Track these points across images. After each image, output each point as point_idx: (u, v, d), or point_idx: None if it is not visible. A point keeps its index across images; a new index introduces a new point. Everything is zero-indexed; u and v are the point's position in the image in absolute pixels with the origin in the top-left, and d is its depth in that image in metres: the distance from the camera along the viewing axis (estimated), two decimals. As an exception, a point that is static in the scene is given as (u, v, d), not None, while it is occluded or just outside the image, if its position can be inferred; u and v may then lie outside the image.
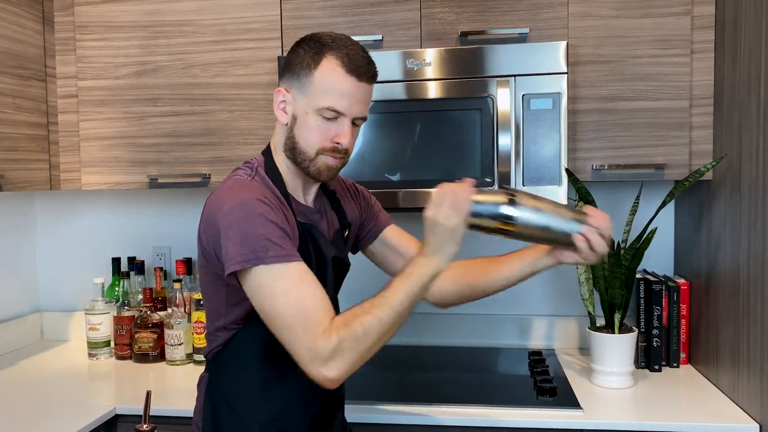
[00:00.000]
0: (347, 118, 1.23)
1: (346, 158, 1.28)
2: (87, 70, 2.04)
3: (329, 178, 1.28)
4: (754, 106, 1.58)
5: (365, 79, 1.22)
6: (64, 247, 2.45)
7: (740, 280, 1.66)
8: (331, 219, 1.39)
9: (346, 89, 1.21)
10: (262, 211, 1.15)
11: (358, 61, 1.21)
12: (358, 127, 1.27)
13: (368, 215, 1.50)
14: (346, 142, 1.24)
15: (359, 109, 1.24)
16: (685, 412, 1.66)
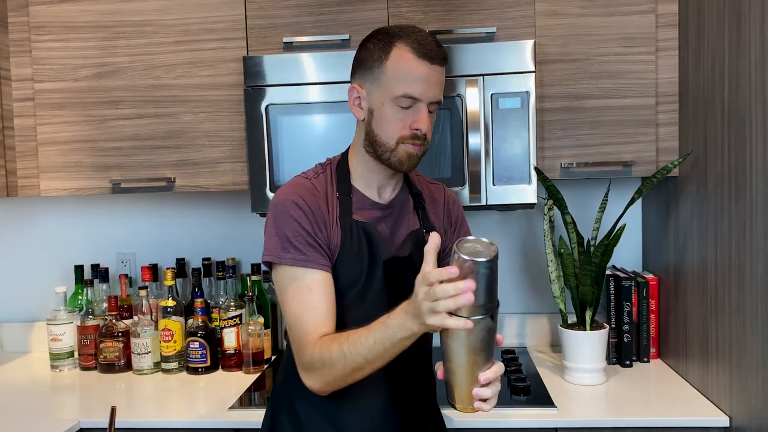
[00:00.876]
0: (423, 104, 1.23)
1: (426, 145, 1.27)
2: (44, 72, 1.97)
3: (411, 166, 1.28)
4: (718, 103, 1.60)
5: (437, 62, 1.22)
6: (23, 255, 2.37)
7: (708, 275, 1.68)
8: (409, 219, 1.36)
9: (419, 74, 1.21)
10: (295, 215, 1.23)
11: (428, 45, 1.22)
12: (433, 113, 1.27)
13: (454, 230, 1.43)
14: (425, 127, 1.24)
15: (434, 92, 1.24)
16: (656, 407, 1.68)
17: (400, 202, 1.36)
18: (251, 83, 1.83)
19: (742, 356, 1.50)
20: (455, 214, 1.44)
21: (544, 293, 2.21)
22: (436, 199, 1.42)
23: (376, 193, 1.33)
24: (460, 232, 1.43)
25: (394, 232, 1.34)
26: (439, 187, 1.46)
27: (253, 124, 1.84)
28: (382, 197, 1.34)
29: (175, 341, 2.05)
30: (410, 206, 1.37)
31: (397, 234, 1.34)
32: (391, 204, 1.35)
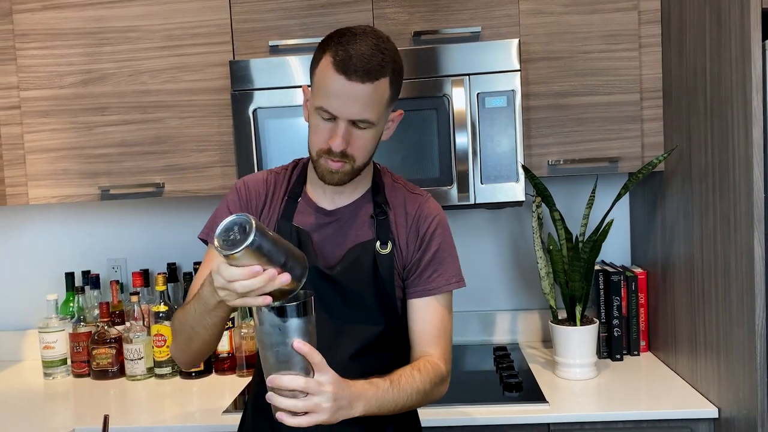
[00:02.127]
0: (341, 120, 1.16)
1: (352, 163, 1.21)
2: (29, 80, 1.97)
3: (334, 182, 1.22)
4: (701, 98, 1.62)
5: (356, 78, 1.13)
6: (13, 263, 2.36)
7: (695, 268, 1.70)
8: (359, 228, 1.29)
9: (334, 89, 1.14)
10: (229, 198, 1.33)
11: (353, 59, 1.13)
12: (365, 130, 1.18)
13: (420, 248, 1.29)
14: (336, 145, 1.17)
15: (352, 110, 1.15)
16: (646, 400, 1.69)
17: (352, 209, 1.30)
18: (238, 87, 1.83)
19: (729, 348, 1.52)
20: (423, 230, 1.29)
21: (535, 289, 2.23)
22: (407, 210, 1.31)
23: (329, 198, 1.30)
24: (427, 252, 1.29)
25: (335, 241, 1.28)
26: (417, 199, 1.33)
27: (241, 128, 1.84)
28: (335, 203, 1.30)
29: (168, 346, 2.05)
30: (366, 215, 1.30)
31: (338, 243, 1.28)
32: (337, 211, 1.29)
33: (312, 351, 1.03)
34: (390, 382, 1.17)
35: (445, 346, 1.29)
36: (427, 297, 1.28)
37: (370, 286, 1.27)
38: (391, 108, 1.23)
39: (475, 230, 2.25)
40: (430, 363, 1.24)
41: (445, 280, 1.29)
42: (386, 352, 1.29)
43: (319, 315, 1.22)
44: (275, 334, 1.02)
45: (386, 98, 1.18)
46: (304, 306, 1.03)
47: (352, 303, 1.27)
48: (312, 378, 1.04)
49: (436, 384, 1.24)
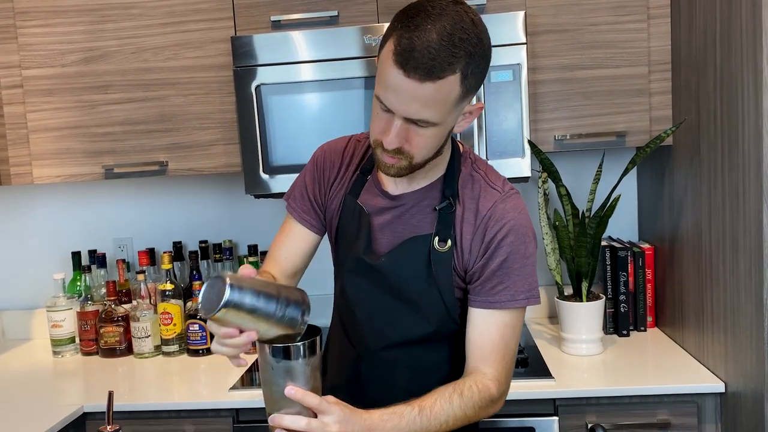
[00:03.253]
0: (397, 117, 1.03)
1: (410, 160, 1.08)
2: (31, 59, 1.96)
3: (391, 174, 1.11)
4: (711, 69, 1.59)
5: (415, 75, 0.98)
6: (20, 243, 2.37)
7: (702, 242, 1.68)
8: (420, 220, 1.19)
9: (391, 81, 1.00)
10: (309, 166, 1.32)
11: (416, 52, 0.97)
12: (425, 128, 1.04)
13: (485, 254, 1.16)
14: (388, 142, 1.05)
15: (408, 109, 1.01)
16: (653, 375, 1.69)
17: (416, 197, 1.19)
18: (240, 63, 1.81)
19: (736, 322, 1.51)
20: (492, 234, 1.14)
21: (541, 265, 2.21)
22: (479, 208, 1.17)
23: (396, 181, 1.20)
24: (492, 260, 1.15)
25: (393, 229, 1.20)
26: (492, 196, 1.17)
27: (244, 105, 1.82)
28: (401, 187, 1.20)
29: (175, 324, 2.06)
30: (431, 205, 1.18)
31: (396, 232, 1.20)
32: (401, 197, 1.20)
33: (305, 396, 0.99)
34: (419, 410, 1.08)
35: (502, 366, 1.16)
36: (488, 309, 1.16)
37: (421, 283, 1.18)
38: (465, 102, 1.07)
39: (480, 207, 2.23)
40: (478, 384, 1.13)
41: (511, 294, 1.15)
42: (435, 347, 1.23)
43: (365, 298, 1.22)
44: (272, 373, 1.00)
45: (454, 96, 1.02)
46: (303, 348, 0.99)
47: (401, 297, 1.19)
48: (315, 419, 0.99)
49: (483, 407, 1.13)
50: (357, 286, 1.24)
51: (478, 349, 1.16)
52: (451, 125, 1.10)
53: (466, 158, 1.22)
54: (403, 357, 1.22)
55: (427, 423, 1.07)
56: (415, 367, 1.22)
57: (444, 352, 1.24)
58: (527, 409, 1.62)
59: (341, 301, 1.30)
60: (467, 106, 1.09)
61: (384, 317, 1.22)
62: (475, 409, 1.12)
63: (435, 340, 1.22)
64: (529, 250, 1.16)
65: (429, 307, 1.19)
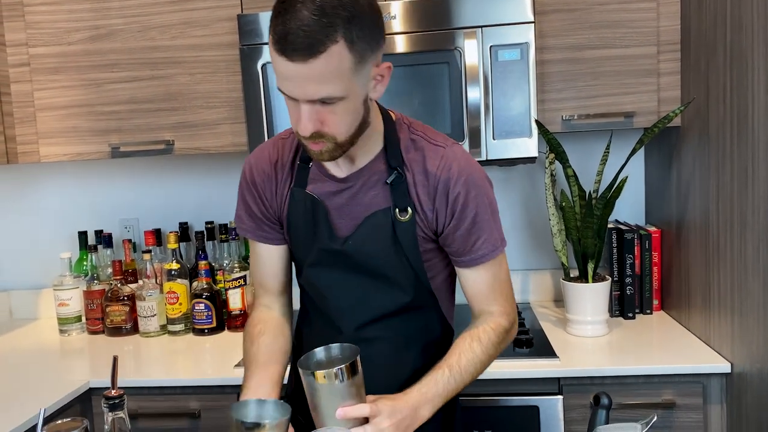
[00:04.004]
0: (301, 102, 1.02)
1: (333, 141, 1.07)
2: (38, 37, 1.96)
3: (324, 160, 1.11)
4: (720, 47, 1.57)
5: (298, 57, 0.96)
6: (27, 223, 2.38)
7: (710, 223, 1.67)
8: (375, 196, 1.18)
9: (281, 70, 1.00)
10: (241, 187, 1.28)
11: (291, 35, 0.96)
12: (334, 105, 1.02)
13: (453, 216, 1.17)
14: (303, 129, 1.04)
15: (307, 91, 1.00)
16: (659, 356, 1.69)
17: (364, 175, 1.18)
18: (246, 42, 1.81)
19: (743, 303, 1.50)
20: (454, 194, 1.15)
21: (547, 249, 2.22)
22: (428, 168, 1.16)
23: (339, 164, 1.18)
24: (464, 219, 1.16)
25: (350, 211, 1.19)
26: (438, 152, 1.16)
27: (250, 83, 1.82)
28: (346, 169, 1.18)
29: (181, 303, 2.07)
30: (381, 180, 1.17)
31: (354, 213, 1.19)
32: (349, 178, 1.18)
33: (356, 410, 1.01)
34: (449, 369, 1.13)
35: (504, 299, 1.23)
36: (475, 266, 1.20)
37: (389, 257, 1.18)
38: (368, 67, 1.04)
39: (487, 189, 2.22)
40: (490, 324, 1.20)
41: (492, 245, 1.18)
42: (414, 316, 1.24)
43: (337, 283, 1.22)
44: (320, 397, 1.01)
45: (347, 65, 0.99)
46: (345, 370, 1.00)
47: (373, 274, 1.20)
48: (368, 424, 1.03)
49: (501, 342, 1.21)
50: (325, 275, 1.23)
51: (478, 297, 1.23)
52: (363, 94, 1.06)
53: (401, 124, 1.20)
54: (384, 331, 1.22)
55: (460, 379, 1.14)
56: (395, 340, 1.23)
57: (422, 322, 1.25)
58: (531, 388, 1.62)
59: (311, 289, 1.28)
60: (374, 69, 1.06)
61: (359, 297, 1.22)
62: (496, 347, 1.20)
63: (412, 309, 1.23)
64: (490, 198, 1.20)
65: (402, 277, 1.20)
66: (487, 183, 1.20)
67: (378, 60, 1.07)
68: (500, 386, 1.62)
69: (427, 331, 1.26)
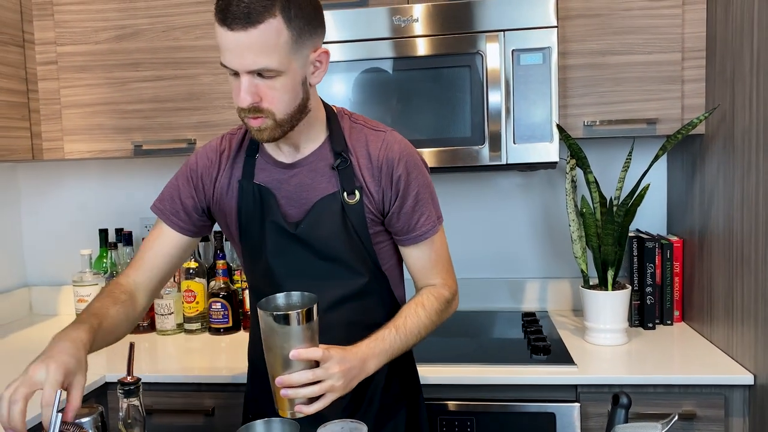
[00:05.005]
0: (240, 74, 1.08)
1: (273, 117, 1.12)
2: (66, 35, 1.99)
3: (264, 139, 1.15)
4: (747, 55, 1.56)
5: (237, 26, 1.04)
6: (50, 220, 2.41)
7: (734, 232, 1.64)
8: (323, 181, 1.23)
9: (222, 41, 1.07)
10: (182, 170, 1.32)
11: (232, 5, 1.04)
12: (272, 79, 1.09)
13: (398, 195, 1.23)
14: (240, 100, 1.10)
15: (245, 61, 1.06)
16: (679, 366, 1.65)
17: (311, 161, 1.23)
18: (270, 42, 1.82)
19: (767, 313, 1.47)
20: (397, 174, 1.22)
21: (566, 257, 2.19)
22: (370, 152, 1.23)
23: (286, 151, 1.24)
24: (407, 199, 1.23)
25: (299, 197, 1.23)
26: (379, 136, 1.24)
27: (272, 84, 1.83)
28: (292, 156, 1.24)
29: (198, 302, 2.08)
30: (327, 165, 1.22)
31: (303, 199, 1.23)
32: (297, 164, 1.23)
33: (308, 352, 1.04)
34: (396, 330, 1.20)
35: (445, 272, 1.31)
36: (418, 244, 1.28)
37: (342, 240, 1.22)
38: (306, 49, 1.11)
39: (506, 196, 2.21)
40: (433, 293, 1.28)
41: (432, 223, 1.27)
42: (369, 299, 1.28)
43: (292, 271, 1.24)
44: (275, 339, 1.04)
45: (284, 40, 1.06)
46: (301, 314, 1.03)
47: (327, 258, 1.23)
48: (318, 367, 1.06)
49: (443, 311, 1.29)
50: (281, 263, 1.24)
51: (421, 272, 1.30)
52: (301, 75, 1.13)
53: (342, 115, 1.28)
54: (342, 315, 1.25)
55: (405, 339, 1.21)
56: (354, 322, 1.26)
57: (378, 304, 1.29)
58: (548, 395, 1.60)
59: (265, 284, 1.27)
60: (312, 54, 1.13)
61: (316, 281, 1.23)
62: (438, 313, 1.27)
63: (367, 293, 1.27)
64: (428, 179, 1.28)
65: (356, 259, 1.25)
66: (424, 165, 1.29)
67: (317, 46, 1.14)
68: (517, 392, 1.60)
69: (384, 314, 1.28)
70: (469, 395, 1.61)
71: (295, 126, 1.16)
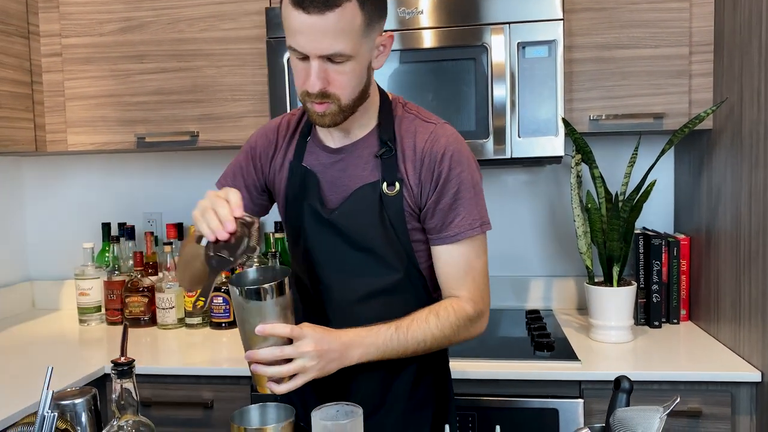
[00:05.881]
0: (312, 58, 1.06)
1: (338, 103, 1.10)
2: (71, 27, 1.99)
3: (325, 124, 1.13)
4: (756, 48, 1.53)
5: (314, 10, 1.02)
6: (53, 214, 2.41)
7: (741, 228, 1.62)
8: (365, 168, 1.20)
9: (296, 24, 1.05)
10: (243, 148, 1.32)
11: None
12: (342, 64, 1.07)
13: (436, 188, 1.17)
14: (311, 85, 1.08)
15: (320, 45, 1.05)
16: (685, 363, 1.63)
17: (357, 148, 1.20)
18: (274, 34, 1.81)
19: (776, 308, 1.44)
20: (439, 168, 1.16)
21: (571, 255, 2.17)
22: (416, 143, 1.18)
23: (335, 136, 1.22)
24: (445, 194, 1.17)
25: (340, 183, 1.21)
26: (428, 128, 1.19)
27: (276, 77, 1.82)
28: (340, 141, 1.22)
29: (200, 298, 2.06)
30: (372, 153, 1.19)
31: (343, 185, 1.20)
32: (342, 150, 1.21)
33: (274, 328, 1.02)
34: (395, 328, 1.13)
35: (473, 286, 1.20)
36: (449, 244, 1.18)
37: (377, 231, 1.18)
38: (374, 33, 1.10)
39: (511, 193, 2.19)
40: (453, 305, 1.17)
41: (468, 224, 1.17)
42: (401, 296, 1.22)
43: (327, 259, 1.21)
44: (245, 314, 1.03)
45: (359, 24, 1.06)
46: (272, 289, 1.01)
47: (361, 248, 1.19)
48: (289, 344, 1.03)
49: (461, 326, 1.17)
50: (317, 246, 1.22)
51: (448, 279, 1.20)
52: (367, 59, 1.12)
53: (396, 104, 1.24)
54: (371, 309, 1.20)
55: (404, 341, 1.12)
56: (383, 318, 1.18)
57: (412, 303, 1.20)
58: (551, 390, 1.57)
59: (305, 267, 1.25)
60: (378, 38, 1.13)
61: (349, 271, 1.20)
62: (453, 329, 1.16)
63: (401, 288, 1.21)
64: (476, 179, 1.19)
65: (391, 253, 1.19)
66: (474, 163, 1.21)
67: (382, 30, 1.14)
68: (519, 388, 1.58)
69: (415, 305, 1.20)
70: (471, 390, 1.59)
71: (355, 111, 1.15)
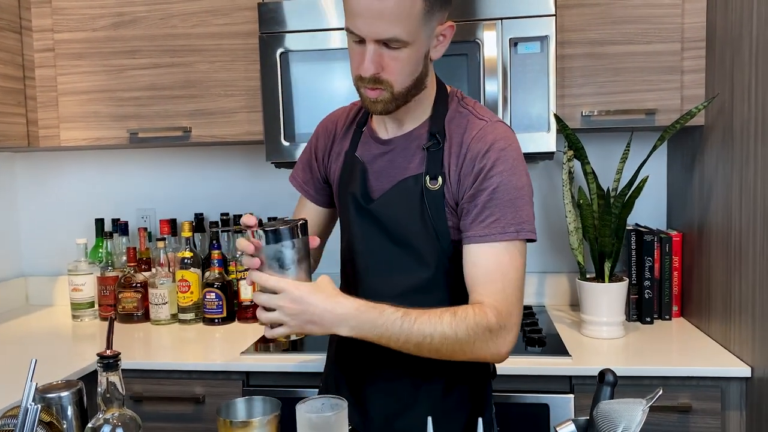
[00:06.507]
0: (369, 42, 1.05)
1: (391, 90, 1.09)
2: (63, 23, 1.99)
3: (377, 111, 1.12)
4: (746, 45, 1.54)
5: None
6: (46, 210, 2.41)
7: (732, 224, 1.62)
8: (412, 161, 1.18)
9: (354, 7, 1.04)
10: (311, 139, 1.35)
11: None
12: (398, 50, 1.06)
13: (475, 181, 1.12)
14: (365, 69, 1.07)
15: (377, 29, 1.03)
16: (676, 359, 1.63)
17: (406, 140, 1.19)
18: (266, 30, 1.81)
19: (765, 305, 1.45)
20: (481, 164, 1.11)
21: (563, 251, 2.17)
22: (464, 138, 1.14)
23: (387, 126, 1.21)
24: (482, 191, 1.11)
25: (387, 173, 1.19)
26: (478, 125, 1.14)
27: (268, 72, 1.82)
28: (391, 132, 1.21)
29: (192, 292, 2.06)
30: (420, 146, 1.17)
31: (390, 176, 1.19)
32: (391, 141, 1.20)
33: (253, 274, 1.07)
34: (403, 314, 1.06)
35: (501, 297, 1.09)
36: (480, 244, 1.11)
37: (415, 225, 1.15)
38: (434, 21, 1.08)
39: (504, 189, 2.19)
40: (474, 309, 1.08)
41: (502, 227, 1.10)
42: (436, 294, 1.17)
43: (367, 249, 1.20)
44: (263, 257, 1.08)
45: (418, 10, 1.04)
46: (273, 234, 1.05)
47: (399, 242, 1.17)
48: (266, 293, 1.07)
49: (479, 333, 1.07)
50: (361, 234, 1.21)
51: (473, 281, 1.12)
52: (425, 47, 1.10)
53: (453, 97, 1.21)
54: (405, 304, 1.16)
55: (407, 329, 1.05)
56: None
57: (445, 299, 1.17)
58: (542, 386, 1.58)
59: (347, 257, 1.26)
60: (438, 27, 1.10)
61: (385, 263, 1.19)
62: (469, 332, 1.06)
63: (433, 287, 1.17)
64: (520, 182, 1.12)
65: (426, 248, 1.16)
66: (521, 166, 1.14)
67: (443, 19, 1.11)
68: (510, 383, 1.58)
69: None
70: (462, 386, 1.59)
71: (409, 101, 1.14)
